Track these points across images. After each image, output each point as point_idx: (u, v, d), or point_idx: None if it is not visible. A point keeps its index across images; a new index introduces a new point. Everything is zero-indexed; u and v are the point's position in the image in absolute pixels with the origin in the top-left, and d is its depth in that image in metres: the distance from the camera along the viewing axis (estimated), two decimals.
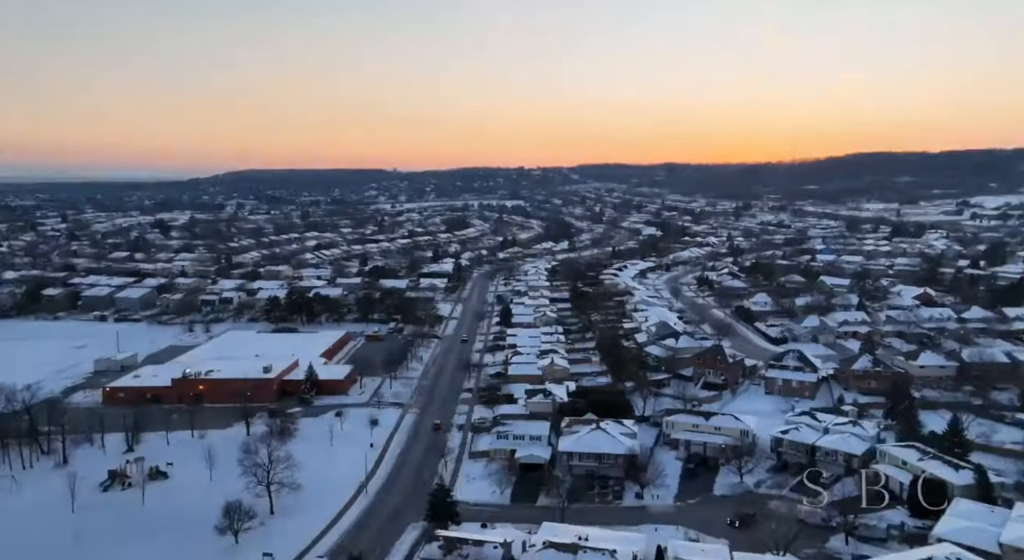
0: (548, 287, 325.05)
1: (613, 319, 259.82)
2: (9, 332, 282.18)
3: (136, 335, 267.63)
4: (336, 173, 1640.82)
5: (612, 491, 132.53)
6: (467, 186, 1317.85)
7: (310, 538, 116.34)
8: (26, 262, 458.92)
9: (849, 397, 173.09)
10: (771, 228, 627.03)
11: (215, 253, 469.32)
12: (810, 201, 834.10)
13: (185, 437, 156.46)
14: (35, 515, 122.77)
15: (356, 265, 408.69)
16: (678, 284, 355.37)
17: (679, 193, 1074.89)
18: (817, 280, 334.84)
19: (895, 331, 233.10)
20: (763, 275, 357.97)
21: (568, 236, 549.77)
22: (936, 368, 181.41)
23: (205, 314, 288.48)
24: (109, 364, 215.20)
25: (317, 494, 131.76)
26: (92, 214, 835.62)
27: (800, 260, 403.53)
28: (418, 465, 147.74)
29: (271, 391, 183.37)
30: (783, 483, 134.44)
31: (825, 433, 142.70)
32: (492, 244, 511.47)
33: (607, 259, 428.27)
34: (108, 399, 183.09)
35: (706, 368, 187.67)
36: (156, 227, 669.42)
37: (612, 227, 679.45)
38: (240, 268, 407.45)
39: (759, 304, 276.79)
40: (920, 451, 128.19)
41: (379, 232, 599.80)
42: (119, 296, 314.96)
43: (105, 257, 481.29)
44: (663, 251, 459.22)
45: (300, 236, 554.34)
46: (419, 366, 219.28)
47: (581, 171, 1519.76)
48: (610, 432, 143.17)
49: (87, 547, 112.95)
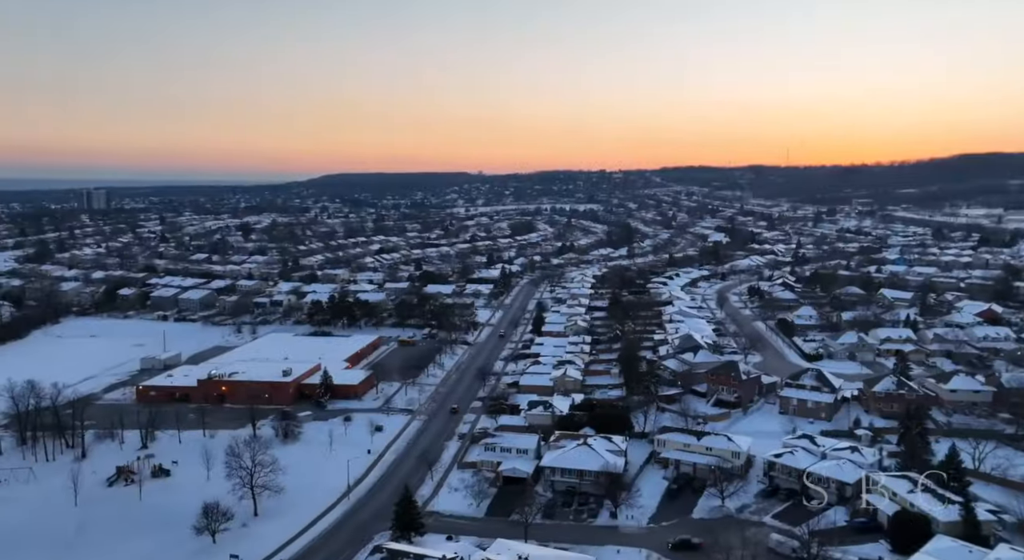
0: (590, 295, 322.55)
1: (645, 330, 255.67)
2: (82, 329, 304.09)
3: (190, 335, 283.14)
4: (422, 176, 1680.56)
5: (588, 509, 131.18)
6: (546, 189, 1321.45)
7: (279, 543, 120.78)
8: (115, 262, 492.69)
9: (868, 420, 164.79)
10: (848, 235, 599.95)
11: (284, 256, 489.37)
12: (903, 206, 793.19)
13: (197, 436, 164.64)
14: (42, 506, 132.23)
15: (412, 269, 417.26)
16: (729, 294, 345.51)
17: (762, 197, 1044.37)
18: (876, 293, 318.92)
19: (942, 350, 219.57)
20: (821, 286, 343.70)
21: (629, 242, 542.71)
22: (969, 392, 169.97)
23: (255, 316, 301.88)
24: (153, 363, 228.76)
25: (303, 498, 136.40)
26: (188, 217, 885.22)
27: (865, 270, 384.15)
28: (408, 473, 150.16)
29: (288, 394, 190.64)
30: (768, 509, 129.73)
31: (822, 458, 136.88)
32: (550, 249, 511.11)
33: (662, 266, 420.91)
34: (141, 397, 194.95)
35: (719, 385, 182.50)
36: (240, 230, 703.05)
37: (681, 232, 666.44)
38: (303, 271, 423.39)
39: (803, 317, 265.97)
40: (913, 482, 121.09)
41: (444, 236, 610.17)
42: (182, 297, 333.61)
43: (186, 259, 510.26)
44: (724, 258, 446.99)
45: (367, 240, 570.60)
46: (440, 373, 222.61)
47: (663, 174, 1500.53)
48: (595, 448, 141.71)
49: (80, 540, 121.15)
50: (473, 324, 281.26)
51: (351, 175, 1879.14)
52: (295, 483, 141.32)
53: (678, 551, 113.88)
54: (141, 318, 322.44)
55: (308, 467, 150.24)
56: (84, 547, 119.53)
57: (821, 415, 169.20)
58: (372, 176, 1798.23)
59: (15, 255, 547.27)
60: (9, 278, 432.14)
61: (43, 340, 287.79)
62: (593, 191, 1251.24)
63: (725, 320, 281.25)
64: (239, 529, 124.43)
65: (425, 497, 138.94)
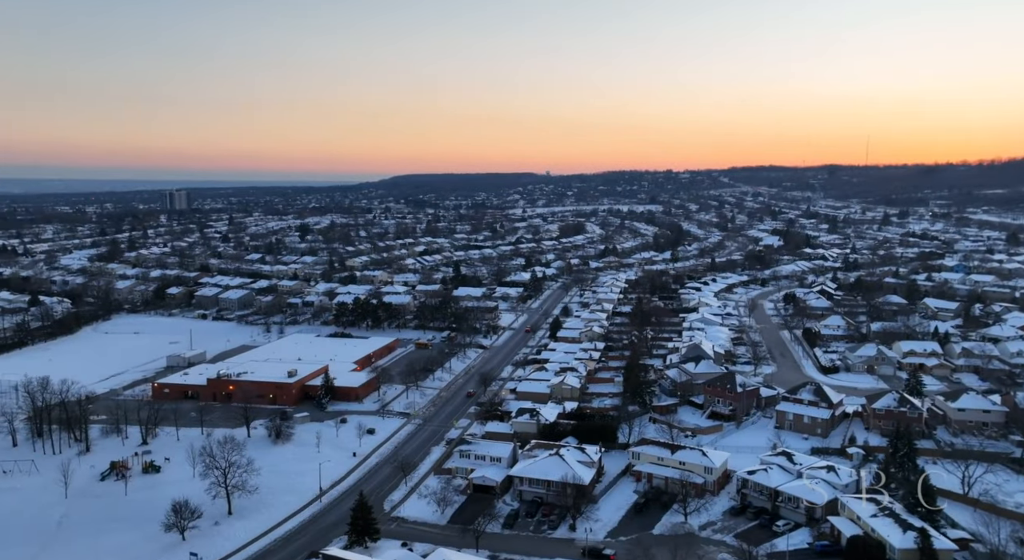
0: (616, 300, 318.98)
1: (659, 337, 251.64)
2: (128, 326, 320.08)
3: (224, 333, 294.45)
4: (489, 177, 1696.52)
5: (549, 521, 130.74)
6: (610, 190, 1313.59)
7: (241, 543, 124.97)
8: (175, 262, 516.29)
9: (863, 438, 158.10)
10: (912, 239, 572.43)
11: (332, 257, 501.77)
12: (984, 208, 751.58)
13: (196, 434, 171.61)
14: (35, 497, 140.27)
15: (450, 272, 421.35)
16: (764, 301, 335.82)
17: (833, 198, 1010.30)
18: (919, 302, 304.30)
19: (970, 366, 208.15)
20: (863, 294, 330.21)
21: (675, 245, 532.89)
22: (978, 412, 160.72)
23: (286, 316, 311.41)
24: (178, 360, 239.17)
25: (278, 499, 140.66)
26: (255, 217, 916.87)
27: (916, 277, 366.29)
28: (386, 477, 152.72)
29: (291, 394, 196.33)
30: (733, 527, 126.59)
31: (798, 477, 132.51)
32: (592, 253, 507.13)
33: (703, 271, 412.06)
34: (156, 393, 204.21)
35: (716, 396, 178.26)
36: (298, 230, 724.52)
37: (734, 235, 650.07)
38: (347, 271, 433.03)
39: (830, 327, 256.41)
40: (879, 505, 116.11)
41: (492, 237, 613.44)
42: (222, 296, 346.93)
43: (241, 259, 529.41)
44: (769, 263, 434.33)
45: (414, 241, 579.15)
46: (448, 376, 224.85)
47: (731, 174, 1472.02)
48: (566, 459, 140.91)
49: (61, 533, 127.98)
50: (493, 328, 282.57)
51: (421, 176, 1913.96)
52: (275, 484, 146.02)
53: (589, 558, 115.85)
54: (184, 316, 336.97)
55: (292, 468, 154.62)
56: (64, 540, 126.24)
57: (817, 431, 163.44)
58: (440, 177, 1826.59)
59: (89, 253, 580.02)
60: (75, 276, 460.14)
61: (92, 336, 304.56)
62: (657, 192, 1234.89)
63: (750, 328, 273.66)
64: (210, 527, 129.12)
65: (395, 502, 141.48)
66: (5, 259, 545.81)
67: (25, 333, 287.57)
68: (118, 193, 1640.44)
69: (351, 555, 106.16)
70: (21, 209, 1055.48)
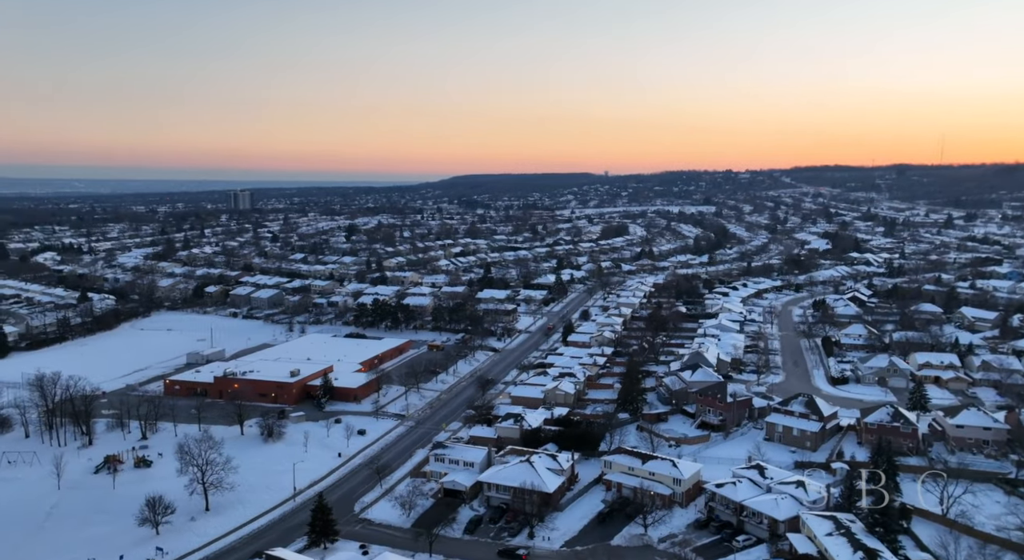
0: (637, 305, 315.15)
1: (669, 344, 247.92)
2: (164, 323, 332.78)
3: (250, 331, 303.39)
4: (547, 177, 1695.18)
5: (510, 528, 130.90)
6: (666, 190, 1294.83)
7: (209, 539, 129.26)
8: (221, 261, 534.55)
9: (851, 452, 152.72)
10: (971, 243, 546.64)
11: (370, 257, 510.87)
12: None
13: (193, 430, 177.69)
14: (31, 488, 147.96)
15: (482, 273, 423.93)
16: (793, 307, 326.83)
17: (899, 199, 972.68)
18: (956, 311, 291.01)
19: (989, 380, 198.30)
20: (898, 301, 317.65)
21: (714, 248, 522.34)
22: (979, 429, 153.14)
23: (311, 315, 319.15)
24: (197, 357, 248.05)
25: (255, 497, 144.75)
26: (309, 217, 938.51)
27: (960, 284, 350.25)
28: (364, 479, 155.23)
29: (292, 394, 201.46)
30: (693, 541, 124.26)
31: (767, 491, 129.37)
32: (629, 255, 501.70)
33: (737, 275, 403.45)
34: (168, 390, 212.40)
35: (707, 406, 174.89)
36: (345, 231, 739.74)
37: (784, 237, 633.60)
38: (384, 271, 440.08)
39: (851, 336, 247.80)
40: (836, 524, 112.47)
41: (532, 239, 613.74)
42: (254, 296, 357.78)
43: (285, 258, 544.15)
44: (808, 267, 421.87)
45: (453, 242, 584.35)
46: (452, 379, 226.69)
47: (794, 174, 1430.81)
48: (535, 466, 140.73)
49: (49, 523, 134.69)
50: (509, 331, 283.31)
51: (478, 176, 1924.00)
52: (256, 481, 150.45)
53: (503, 557, 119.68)
54: (217, 314, 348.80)
55: (276, 467, 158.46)
56: (50, 529, 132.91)
57: (806, 444, 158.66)
58: (497, 177, 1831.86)
59: (146, 252, 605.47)
60: (128, 273, 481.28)
61: (129, 332, 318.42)
62: (713, 192, 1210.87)
63: (770, 335, 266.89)
64: (186, 523, 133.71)
65: (367, 503, 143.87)
66: (71, 257, 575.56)
67: (66, 328, 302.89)
68: (191, 193, 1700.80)
69: (294, 556, 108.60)
70: (100, 209, 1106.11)
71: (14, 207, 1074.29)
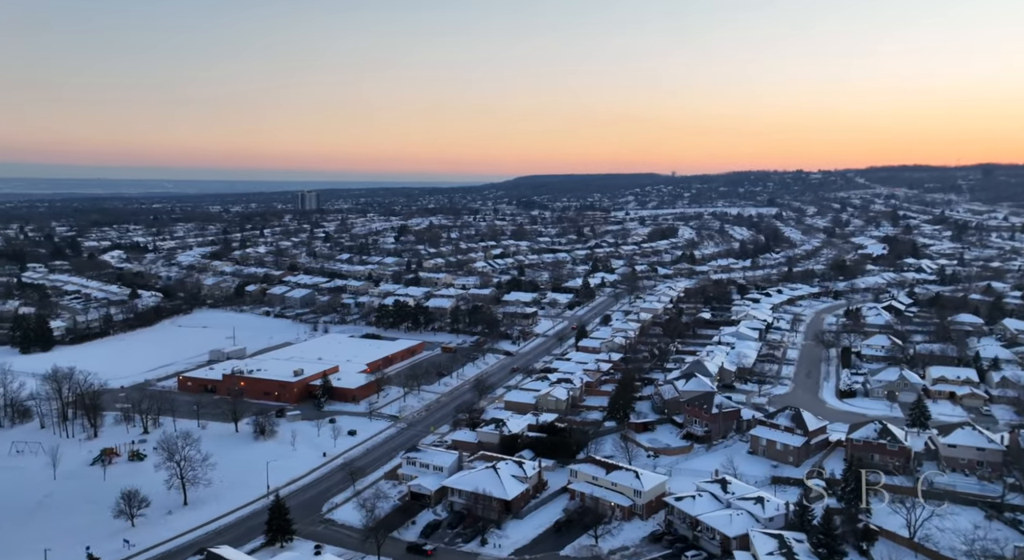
0: (661, 310, 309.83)
1: (678, 351, 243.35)
2: (201, 320, 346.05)
3: (277, 330, 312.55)
4: (608, 178, 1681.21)
5: (465, 534, 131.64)
6: (731, 191, 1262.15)
7: (178, 532, 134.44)
8: (271, 260, 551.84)
9: (831, 469, 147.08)
10: None
11: (413, 258, 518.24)
12: None
13: (191, 426, 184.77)
14: (30, 476, 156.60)
15: (516, 275, 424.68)
16: (825, 315, 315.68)
17: (980, 200, 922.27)
18: (999, 322, 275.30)
19: (1009, 397, 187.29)
20: (939, 311, 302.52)
21: (759, 252, 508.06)
22: (972, 450, 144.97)
23: (337, 315, 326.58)
24: (218, 355, 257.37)
25: (232, 493, 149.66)
26: (366, 218, 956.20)
27: (1011, 294, 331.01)
28: (341, 479, 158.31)
29: (293, 393, 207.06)
30: (645, 554, 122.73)
31: (727, 506, 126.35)
32: (669, 259, 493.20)
33: (776, 280, 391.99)
34: (182, 386, 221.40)
35: (694, 416, 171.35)
36: (396, 231, 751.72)
37: (839, 241, 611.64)
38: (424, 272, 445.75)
39: (873, 347, 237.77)
40: (780, 543, 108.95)
41: (576, 241, 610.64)
42: (288, 295, 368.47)
43: (332, 259, 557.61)
44: (854, 273, 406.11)
45: (496, 243, 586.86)
46: (455, 381, 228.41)
47: (868, 174, 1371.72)
48: (499, 473, 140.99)
49: (39, 511, 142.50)
50: (525, 334, 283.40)
51: (542, 177, 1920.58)
52: (236, 478, 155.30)
53: (410, 553, 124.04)
54: (253, 312, 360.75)
55: (261, 465, 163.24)
56: (39, 517, 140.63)
57: (789, 459, 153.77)
58: (561, 178, 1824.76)
59: (204, 251, 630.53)
60: (182, 272, 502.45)
61: (168, 328, 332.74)
62: (780, 193, 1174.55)
63: (792, 344, 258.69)
64: (162, 516, 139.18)
65: (336, 504, 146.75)
66: (135, 255, 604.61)
67: (109, 324, 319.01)
68: (266, 194, 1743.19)
69: (237, 554, 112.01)
70: (179, 209, 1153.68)
71: (104, 206, 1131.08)
